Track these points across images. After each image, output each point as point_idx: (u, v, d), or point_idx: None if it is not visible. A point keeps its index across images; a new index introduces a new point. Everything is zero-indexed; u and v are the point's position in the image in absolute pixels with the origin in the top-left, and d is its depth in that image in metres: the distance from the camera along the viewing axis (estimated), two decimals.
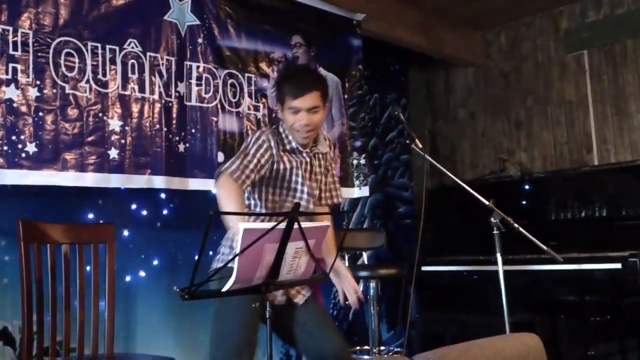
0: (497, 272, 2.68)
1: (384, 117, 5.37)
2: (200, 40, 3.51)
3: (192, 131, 3.43)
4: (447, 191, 4.76)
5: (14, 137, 2.77)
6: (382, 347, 4.07)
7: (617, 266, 3.53)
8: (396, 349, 4.53)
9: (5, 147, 2.74)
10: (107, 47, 3.11)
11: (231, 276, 1.84)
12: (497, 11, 5.13)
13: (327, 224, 2.15)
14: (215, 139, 3.50)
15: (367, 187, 4.42)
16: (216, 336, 2.38)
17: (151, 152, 3.22)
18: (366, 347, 4.01)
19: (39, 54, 2.88)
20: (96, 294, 2.77)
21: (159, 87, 3.29)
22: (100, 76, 3.07)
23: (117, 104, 3.12)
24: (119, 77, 3.14)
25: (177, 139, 3.35)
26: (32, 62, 2.85)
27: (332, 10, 4.30)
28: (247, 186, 2.39)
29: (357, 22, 4.46)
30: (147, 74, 3.25)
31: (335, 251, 2.50)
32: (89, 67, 3.03)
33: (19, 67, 2.81)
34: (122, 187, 3.21)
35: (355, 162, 4.38)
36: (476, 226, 2.91)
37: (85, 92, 3.01)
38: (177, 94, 3.37)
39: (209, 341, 2.40)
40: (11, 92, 2.78)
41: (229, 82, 3.64)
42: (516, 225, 2.66)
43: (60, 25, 2.96)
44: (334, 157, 2.78)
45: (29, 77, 2.84)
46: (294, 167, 2.49)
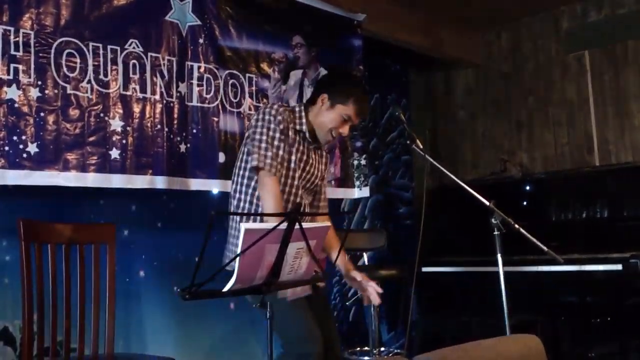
0: (497, 273, 2.68)
1: (385, 118, 5.37)
2: (201, 40, 3.51)
3: (194, 131, 3.43)
4: (447, 192, 4.75)
5: (15, 138, 2.77)
6: (382, 348, 4.07)
7: (618, 267, 3.53)
8: (396, 350, 4.53)
9: (6, 148, 2.74)
10: (109, 47, 3.11)
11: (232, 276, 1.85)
12: (497, 11, 5.13)
13: (328, 224, 2.16)
14: (216, 139, 3.50)
15: (368, 187, 4.43)
16: (284, 337, 2.36)
17: (152, 152, 3.22)
18: (366, 348, 4.02)
19: (41, 54, 2.88)
20: (97, 294, 2.78)
21: (160, 87, 3.30)
22: (101, 76, 3.07)
23: (118, 104, 3.12)
24: (120, 77, 3.14)
25: (178, 139, 3.35)
26: (34, 63, 2.85)
27: (332, 10, 4.31)
28: (277, 170, 2.39)
29: (357, 22, 4.46)
30: (148, 74, 3.25)
31: (338, 245, 2.51)
32: (90, 68, 3.03)
33: (21, 67, 2.81)
34: (123, 188, 3.21)
35: (355, 162, 4.38)
36: (477, 227, 2.92)
37: (86, 92, 3.02)
38: (178, 94, 3.37)
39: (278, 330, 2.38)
40: (13, 93, 2.78)
41: (230, 82, 3.65)
42: (517, 226, 2.66)
43: (61, 25, 2.96)
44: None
45: (30, 78, 2.84)
46: (294, 151, 2.50)
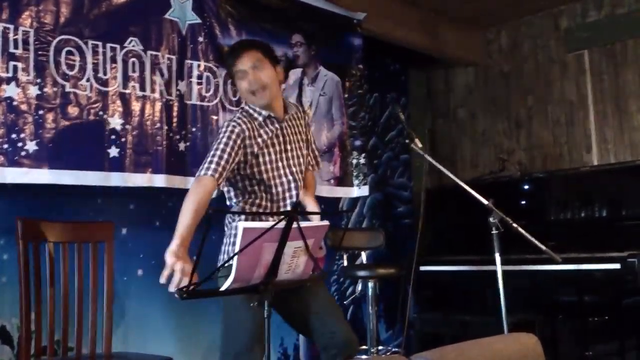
0: (495, 272, 2.68)
1: (384, 117, 5.37)
2: (201, 38, 3.51)
3: (193, 130, 3.43)
4: (446, 191, 4.75)
5: (14, 136, 2.77)
6: (380, 347, 4.07)
7: (616, 266, 3.53)
8: (394, 349, 4.53)
9: (5, 146, 2.74)
10: (108, 45, 3.11)
11: (230, 275, 1.85)
12: (497, 10, 5.13)
13: (326, 223, 2.15)
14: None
15: (367, 186, 4.43)
16: (226, 334, 2.38)
17: (152, 150, 3.22)
18: (364, 347, 4.01)
19: (40, 52, 2.88)
20: (94, 293, 2.78)
21: (160, 85, 3.29)
22: (100, 74, 3.07)
23: (117, 102, 3.12)
24: (119, 75, 3.14)
25: (177, 137, 3.35)
26: (33, 60, 2.85)
27: (332, 9, 4.31)
28: (223, 177, 2.36)
29: (357, 21, 4.46)
30: (147, 73, 3.25)
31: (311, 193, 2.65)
32: (89, 66, 3.03)
33: (20, 65, 2.81)
34: (122, 186, 3.21)
35: (354, 161, 4.38)
36: (475, 226, 2.92)
37: (85, 90, 3.01)
38: (177, 93, 3.37)
39: (220, 339, 2.39)
40: (12, 90, 2.78)
41: (230, 80, 3.64)
42: (515, 225, 2.66)
43: (61, 23, 2.96)
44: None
45: (29, 75, 2.84)
46: (270, 144, 2.50)
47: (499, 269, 2.67)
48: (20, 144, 2.78)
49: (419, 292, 4.47)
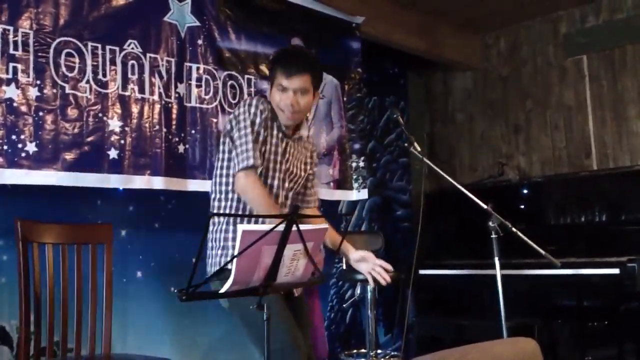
0: (495, 276, 2.68)
1: (383, 120, 5.37)
2: (200, 41, 3.51)
3: (192, 132, 3.43)
4: (445, 195, 4.75)
5: (14, 137, 2.77)
6: (379, 351, 4.07)
7: (615, 271, 3.53)
8: (393, 353, 4.53)
9: (5, 147, 2.74)
10: (107, 47, 3.12)
11: (229, 278, 1.84)
12: (496, 15, 5.13)
13: (326, 226, 2.15)
14: (214, 140, 3.50)
15: (366, 189, 4.43)
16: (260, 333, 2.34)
17: (151, 152, 3.22)
18: (363, 351, 4.02)
19: (40, 54, 2.88)
20: (94, 295, 2.78)
21: (159, 87, 3.30)
22: (100, 76, 3.08)
23: (117, 104, 3.12)
24: (119, 77, 3.14)
25: (176, 139, 3.35)
26: (33, 62, 2.86)
27: (331, 12, 4.31)
28: (259, 162, 2.38)
29: (356, 25, 4.47)
30: (147, 75, 3.25)
31: (339, 236, 2.52)
32: (89, 68, 3.03)
33: (20, 66, 2.81)
34: (121, 188, 3.21)
35: (354, 164, 4.38)
36: (474, 230, 2.92)
37: (85, 92, 3.02)
38: (177, 95, 3.37)
39: (256, 340, 2.33)
40: (11, 92, 2.78)
41: (229, 83, 3.65)
42: (514, 229, 2.66)
43: (60, 25, 2.97)
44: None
45: (29, 77, 2.84)
46: (273, 142, 2.48)
47: (498, 273, 2.67)
48: (20, 145, 2.79)
49: (418, 296, 4.47)
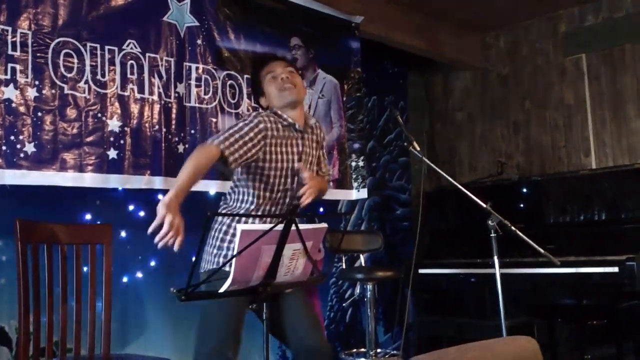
0: (494, 275, 2.68)
1: (382, 120, 5.37)
2: (199, 41, 3.51)
3: (192, 132, 3.43)
4: (444, 194, 4.76)
5: (12, 137, 2.77)
6: (378, 350, 4.07)
7: (614, 270, 3.53)
8: (393, 352, 4.52)
9: (3, 147, 2.74)
10: (106, 47, 3.11)
11: (228, 277, 1.85)
12: (496, 14, 5.14)
13: (325, 225, 2.15)
14: None
15: (366, 189, 4.43)
16: (201, 331, 2.39)
17: (150, 152, 3.22)
18: (363, 350, 4.01)
19: (38, 54, 2.88)
20: (93, 295, 2.78)
21: (159, 87, 3.29)
22: (99, 77, 3.07)
23: (116, 104, 3.12)
24: (118, 77, 3.14)
25: (176, 139, 3.35)
26: (31, 63, 2.85)
27: (330, 12, 4.31)
28: (233, 157, 2.33)
29: (355, 24, 4.47)
30: (146, 75, 3.25)
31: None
32: (87, 68, 3.03)
33: (18, 67, 2.81)
34: (120, 188, 3.21)
35: (353, 164, 4.38)
36: (474, 229, 2.92)
37: (84, 92, 3.01)
38: (176, 95, 3.37)
39: (195, 337, 2.39)
40: (10, 92, 2.78)
41: (228, 83, 3.65)
42: (514, 228, 2.66)
43: (59, 25, 2.96)
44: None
45: (27, 77, 2.84)
46: (289, 151, 2.51)
47: (498, 272, 2.67)
48: (18, 146, 2.78)
49: (417, 295, 4.48)
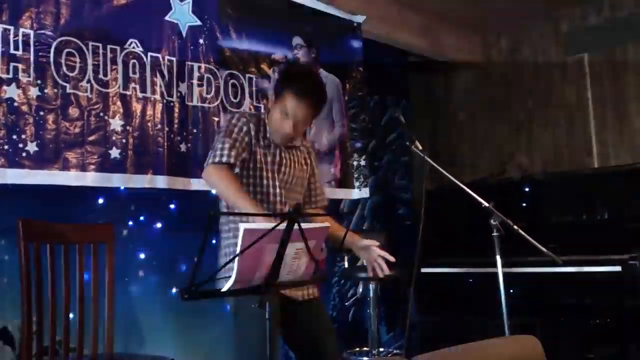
0: (496, 274, 2.68)
1: (384, 119, 5.37)
2: (201, 40, 3.52)
3: (194, 131, 3.43)
4: (447, 193, 4.73)
5: (14, 137, 2.77)
6: (381, 349, 4.07)
7: (617, 269, 3.53)
8: (395, 351, 4.53)
9: (6, 147, 2.74)
10: (108, 47, 3.12)
11: (231, 276, 1.84)
12: (498, 14, 5.13)
13: (327, 225, 2.15)
14: None
15: (367, 188, 4.43)
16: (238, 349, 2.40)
17: (153, 152, 3.22)
18: (365, 349, 4.01)
19: (40, 54, 2.88)
20: (96, 294, 2.78)
21: (161, 87, 3.30)
22: (101, 76, 3.08)
23: (118, 103, 3.12)
24: (120, 77, 3.14)
25: (178, 139, 3.35)
26: (33, 62, 2.86)
27: (333, 12, 4.32)
28: (237, 162, 2.34)
29: (357, 24, 4.47)
30: (148, 74, 3.25)
31: (342, 229, 2.53)
32: (90, 67, 3.03)
33: (20, 66, 2.81)
34: (123, 187, 3.21)
35: (355, 163, 4.38)
36: (476, 228, 2.91)
37: (86, 91, 3.02)
38: (178, 94, 3.38)
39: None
40: (12, 92, 2.79)
41: (230, 82, 3.65)
42: (516, 227, 2.66)
43: (61, 25, 2.97)
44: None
45: (30, 77, 2.84)
46: (267, 161, 2.47)
47: (500, 271, 2.67)
48: (21, 145, 2.79)
49: (420, 294, 4.47)
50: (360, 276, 3.88)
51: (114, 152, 3.08)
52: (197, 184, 3.38)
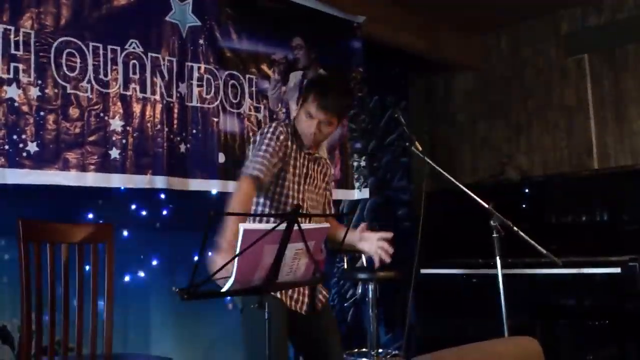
0: (496, 275, 2.68)
1: (384, 120, 5.37)
2: (201, 41, 3.52)
3: (193, 132, 3.43)
4: (446, 194, 4.74)
5: (15, 137, 2.78)
6: (380, 350, 4.07)
7: (617, 270, 3.53)
8: (394, 352, 4.52)
9: (6, 147, 2.74)
10: (109, 47, 3.12)
11: (230, 276, 1.84)
12: (497, 15, 5.14)
13: (327, 225, 2.16)
14: (216, 140, 3.51)
15: (367, 189, 4.43)
16: (248, 349, 2.41)
17: (152, 152, 3.22)
18: (364, 350, 4.01)
19: (41, 54, 2.88)
20: (95, 294, 2.78)
21: (161, 87, 3.30)
22: (101, 76, 3.08)
23: (118, 104, 3.13)
24: (120, 77, 3.14)
25: (178, 139, 3.35)
26: (34, 62, 2.86)
27: (333, 12, 4.32)
28: (268, 178, 2.38)
29: (357, 24, 4.47)
30: (148, 75, 3.25)
31: (343, 228, 2.57)
32: (90, 67, 3.04)
33: (21, 66, 2.82)
34: (122, 187, 3.21)
35: (355, 164, 4.39)
36: (475, 229, 2.91)
37: (86, 92, 3.02)
38: (178, 95, 3.38)
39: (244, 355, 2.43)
40: (13, 92, 2.79)
41: (230, 83, 3.65)
42: (515, 228, 2.66)
43: (61, 25, 2.97)
44: (332, 165, 2.80)
45: (30, 77, 2.84)
46: (297, 165, 2.52)
47: (500, 272, 2.67)
48: (21, 145, 2.79)
49: (419, 295, 4.47)
50: (359, 277, 3.88)
51: (114, 153, 3.08)
52: (196, 184, 3.39)
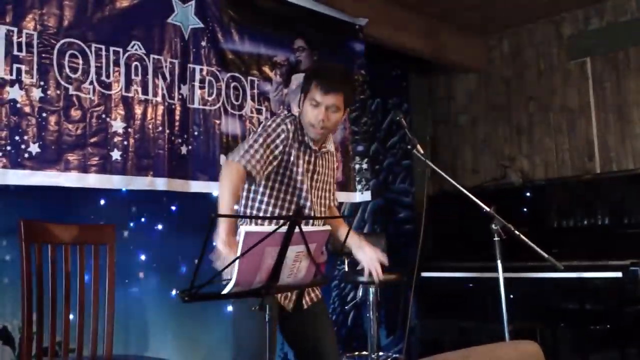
0: (497, 279, 2.67)
1: (386, 122, 5.37)
2: (203, 43, 3.52)
3: (195, 133, 3.44)
4: (447, 197, 4.75)
5: (17, 138, 2.78)
6: (381, 353, 4.07)
7: (618, 275, 3.52)
8: (395, 355, 4.52)
9: (8, 148, 2.75)
10: (111, 49, 3.12)
11: (231, 279, 1.84)
12: (499, 17, 5.14)
13: (328, 228, 2.15)
14: (217, 142, 3.51)
15: (369, 191, 4.43)
16: (236, 345, 2.41)
17: (154, 154, 3.23)
18: (365, 353, 4.01)
19: (43, 55, 2.89)
20: (96, 295, 2.78)
21: (162, 89, 3.30)
22: (103, 78, 3.08)
23: (120, 105, 3.13)
24: (122, 79, 3.15)
25: (179, 141, 3.36)
26: (36, 63, 2.86)
27: (334, 14, 4.32)
28: (260, 176, 2.32)
29: (359, 27, 4.47)
30: (150, 76, 3.26)
31: (345, 227, 2.55)
32: (92, 69, 3.04)
33: (23, 67, 2.82)
34: (124, 189, 3.22)
35: (357, 166, 4.38)
36: (477, 233, 2.91)
37: (88, 93, 3.02)
38: (180, 97, 3.38)
39: (232, 349, 2.43)
40: (15, 93, 2.79)
41: (232, 85, 3.65)
42: (517, 232, 2.65)
43: (64, 26, 2.97)
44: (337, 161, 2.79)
45: (33, 78, 2.85)
46: (300, 163, 2.48)
47: (501, 276, 2.66)
48: (23, 146, 2.79)
49: (420, 298, 4.47)
50: (360, 280, 3.88)
51: (115, 154, 3.08)
52: (197, 186, 3.39)
